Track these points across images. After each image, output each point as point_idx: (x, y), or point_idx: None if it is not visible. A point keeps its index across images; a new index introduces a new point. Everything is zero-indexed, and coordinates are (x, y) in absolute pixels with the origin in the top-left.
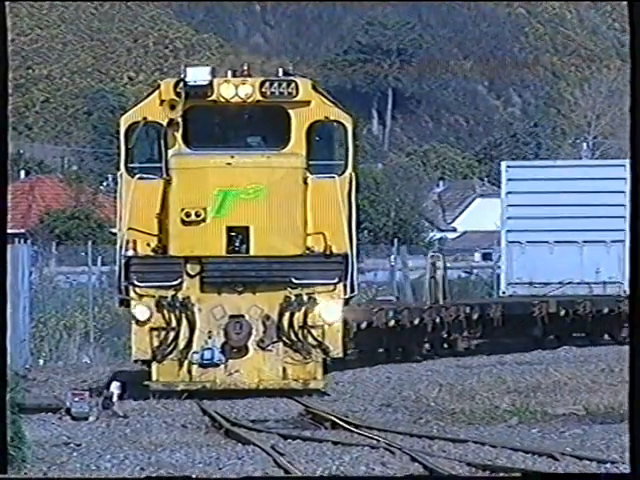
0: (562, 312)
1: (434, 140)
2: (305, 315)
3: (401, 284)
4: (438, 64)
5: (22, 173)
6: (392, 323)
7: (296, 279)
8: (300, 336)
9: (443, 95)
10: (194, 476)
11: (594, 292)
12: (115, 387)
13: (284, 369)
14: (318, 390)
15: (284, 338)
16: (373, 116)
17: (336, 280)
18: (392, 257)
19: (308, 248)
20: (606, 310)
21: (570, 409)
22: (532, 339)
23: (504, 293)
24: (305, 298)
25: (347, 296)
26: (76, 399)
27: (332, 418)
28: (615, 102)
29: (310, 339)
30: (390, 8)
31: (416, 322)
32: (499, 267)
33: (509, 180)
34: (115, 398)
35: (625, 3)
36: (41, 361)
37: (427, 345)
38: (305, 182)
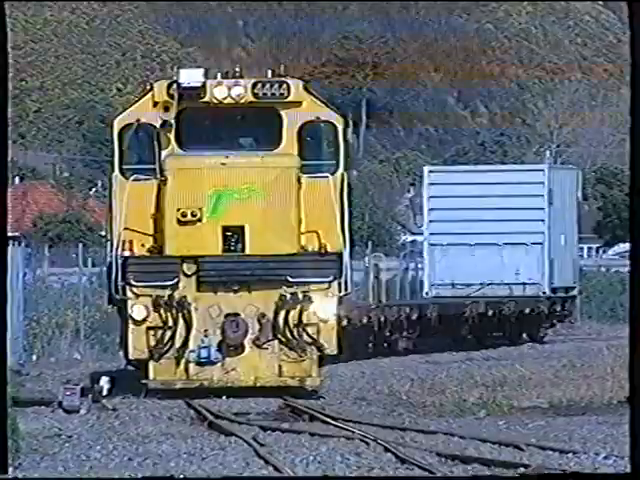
0: (490, 312)
1: (406, 148)
2: (300, 313)
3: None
4: (410, 76)
5: (16, 179)
6: (345, 322)
7: (291, 277)
8: (295, 334)
9: (414, 105)
10: (181, 466)
11: (514, 293)
12: (105, 382)
13: (280, 367)
14: (314, 389)
15: (279, 336)
16: (348, 125)
17: (331, 278)
18: (366, 259)
19: (302, 247)
20: (527, 310)
21: (534, 402)
22: (459, 339)
23: (427, 295)
24: (300, 296)
25: (341, 294)
26: (68, 393)
27: (310, 411)
28: (576, 112)
29: (305, 337)
30: (366, 24)
31: (364, 321)
32: (422, 269)
33: (430, 184)
34: (105, 392)
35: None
36: (34, 357)
37: (370, 344)
38: (299, 181)
